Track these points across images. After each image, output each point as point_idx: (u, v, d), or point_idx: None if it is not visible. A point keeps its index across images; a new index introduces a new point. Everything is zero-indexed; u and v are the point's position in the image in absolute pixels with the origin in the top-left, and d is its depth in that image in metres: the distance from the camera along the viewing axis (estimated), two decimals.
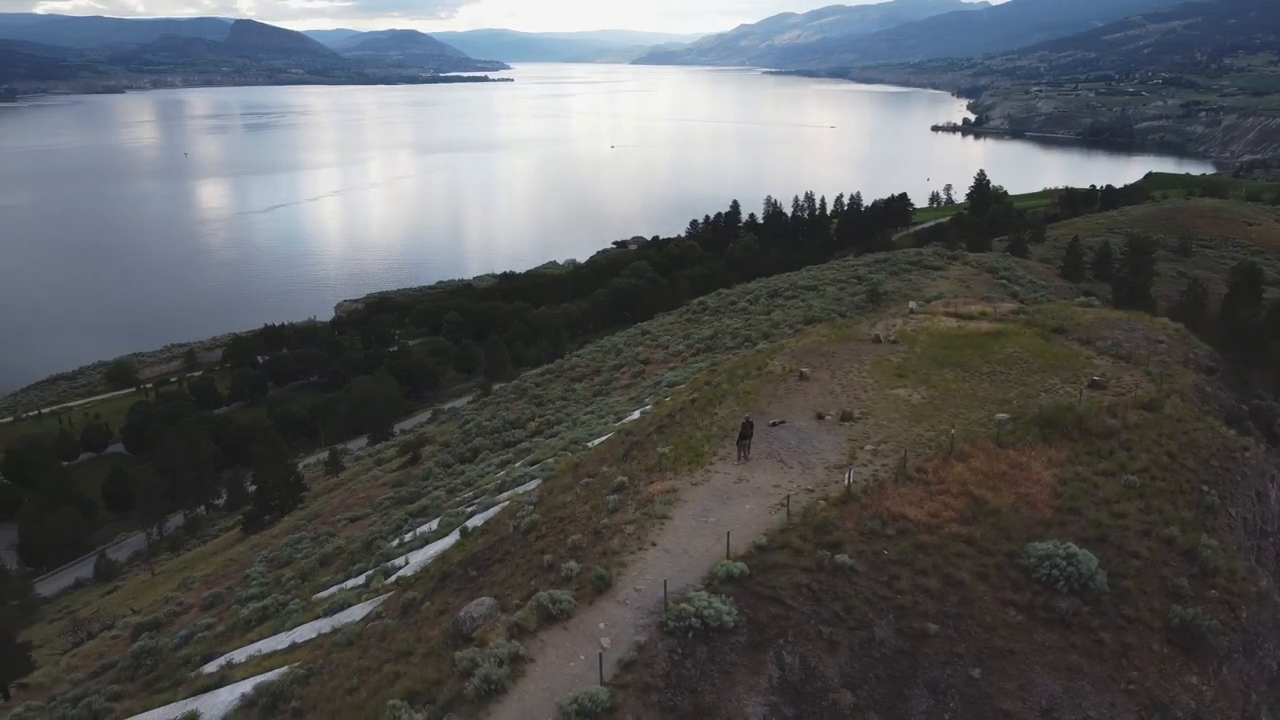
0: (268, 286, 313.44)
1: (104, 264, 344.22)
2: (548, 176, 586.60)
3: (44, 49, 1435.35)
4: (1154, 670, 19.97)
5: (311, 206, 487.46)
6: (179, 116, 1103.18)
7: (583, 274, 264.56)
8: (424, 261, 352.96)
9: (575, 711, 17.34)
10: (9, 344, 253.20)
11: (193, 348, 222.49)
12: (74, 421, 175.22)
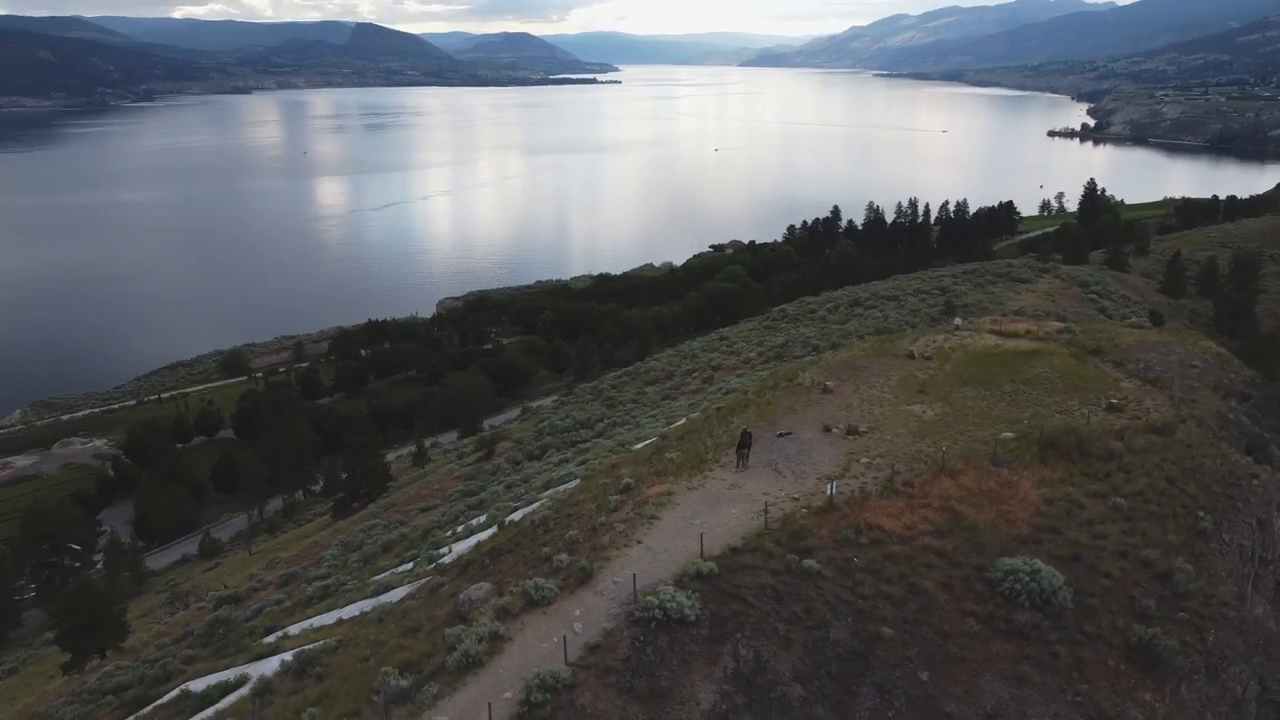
0: (375, 282, 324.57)
1: (225, 257, 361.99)
2: (650, 178, 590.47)
3: (179, 52, 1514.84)
4: (1106, 685, 20.83)
5: (422, 205, 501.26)
6: (300, 116, 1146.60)
7: (677, 277, 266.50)
8: (524, 261, 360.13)
9: (537, 686, 19.37)
10: (137, 331, 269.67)
11: (301, 340, 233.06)
12: (190, 406, 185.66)
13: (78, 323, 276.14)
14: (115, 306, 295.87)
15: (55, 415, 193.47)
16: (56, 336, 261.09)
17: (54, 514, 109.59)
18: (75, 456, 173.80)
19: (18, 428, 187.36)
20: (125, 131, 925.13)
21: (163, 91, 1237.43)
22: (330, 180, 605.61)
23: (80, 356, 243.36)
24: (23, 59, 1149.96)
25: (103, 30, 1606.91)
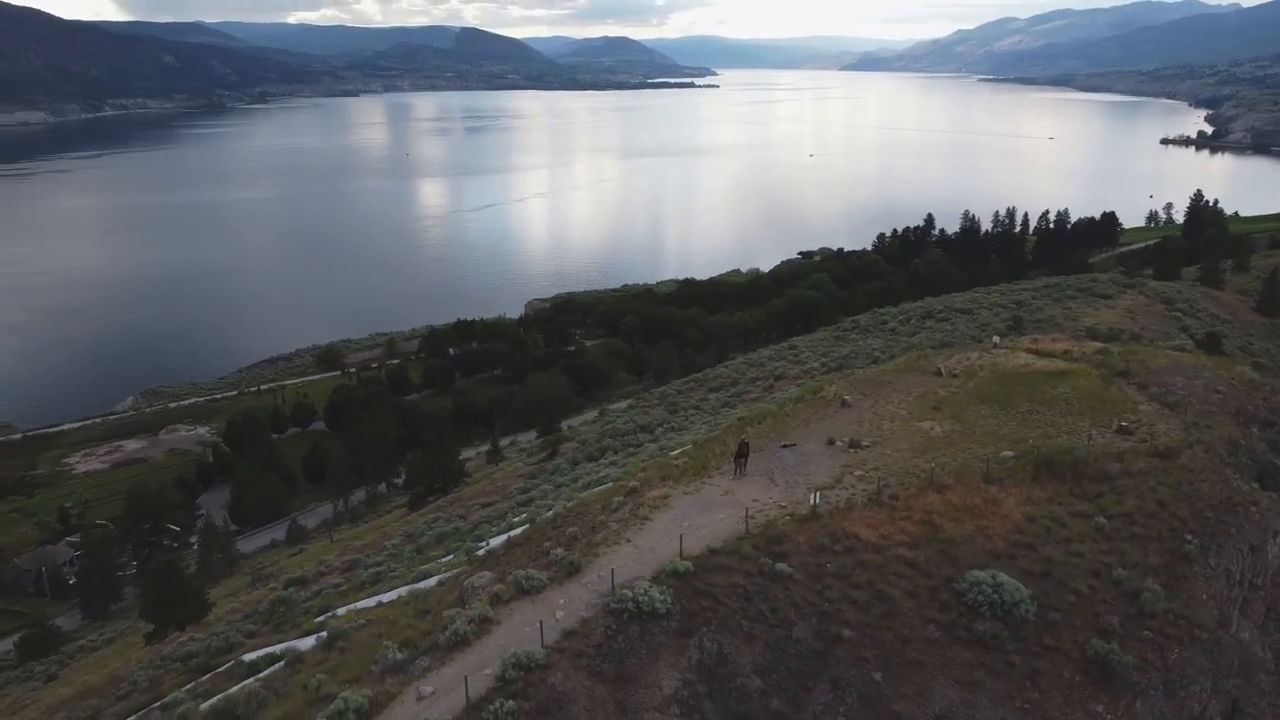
0: (468, 282, 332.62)
1: (328, 255, 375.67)
2: (743, 183, 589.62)
3: (292, 56, 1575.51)
4: (1058, 695, 21.86)
5: (518, 207, 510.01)
6: (405, 119, 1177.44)
7: (762, 283, 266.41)
8: (613, 264, 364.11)
9: (513, 664, 21.45)
10: (241, 324, 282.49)
11: (393, 337, 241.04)
12: (286, 399, 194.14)
13: (188, 315, 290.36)
14: (223, 301, 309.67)
15: (163, 403, 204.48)
16: (169, 328, 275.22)
17: (155, 496, 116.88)
18: (180, 442, 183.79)
19: (129, 414, 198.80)
20: (240, 132, 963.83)
21: (276, 94, 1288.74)
22: (431, 181, 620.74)
23: (189, 348, 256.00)
24: (149, 63, 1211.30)
25: (221, 35, 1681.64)
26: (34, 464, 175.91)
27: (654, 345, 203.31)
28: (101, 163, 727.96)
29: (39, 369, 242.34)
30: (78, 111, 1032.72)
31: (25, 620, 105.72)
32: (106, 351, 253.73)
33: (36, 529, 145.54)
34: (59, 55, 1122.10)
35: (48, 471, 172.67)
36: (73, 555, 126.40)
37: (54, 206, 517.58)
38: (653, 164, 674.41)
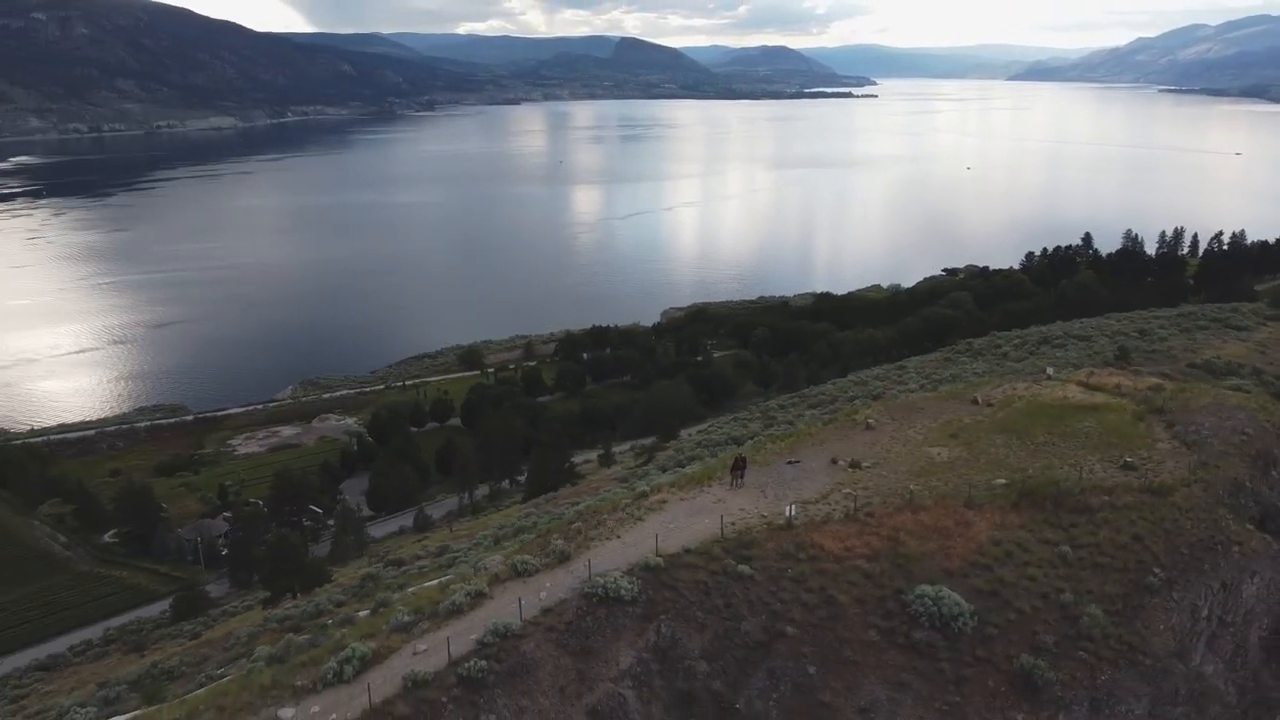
0: (609, 288, 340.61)
1: (480, 257, 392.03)
2: (895, 196, 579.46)
3: (460, 65, 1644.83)
4: (980, 701, 23.98)
5: (666, 215, 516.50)
6: (562, 126, 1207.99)
7: (899, 300, 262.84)
8: (753, 275, 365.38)
9: (492, 631, 25.30)
10: (395, 321, 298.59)
11: (532, 340, 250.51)
12: (427, 395, 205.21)
13: (349, 311, 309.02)
14: (382, 298, 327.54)
15: (318, 394, 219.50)
16: (330, 323, 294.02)
17: (297, 479, 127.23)
18: (330, 431, 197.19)
19: (287, 402, 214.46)
20: (407, 138, 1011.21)
21: (443, 102, 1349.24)
22: (583, 188, 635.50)
23: (346, 342, 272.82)
24: (328, 72, 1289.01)
25: (396, 45, 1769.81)
26: (202, 444, 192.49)
27: (782, 359, 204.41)
28: (281, 165, 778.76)
29: (215, 357, 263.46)
30: (264, 117, 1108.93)
31: (181, 584, 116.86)
32: (273, 343, 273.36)
33: (199, 503, 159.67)
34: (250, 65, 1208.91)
35: (213, 451, 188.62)
36: (226, 529, 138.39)
37: (238, 205, 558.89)
38: (804, 175, 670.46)
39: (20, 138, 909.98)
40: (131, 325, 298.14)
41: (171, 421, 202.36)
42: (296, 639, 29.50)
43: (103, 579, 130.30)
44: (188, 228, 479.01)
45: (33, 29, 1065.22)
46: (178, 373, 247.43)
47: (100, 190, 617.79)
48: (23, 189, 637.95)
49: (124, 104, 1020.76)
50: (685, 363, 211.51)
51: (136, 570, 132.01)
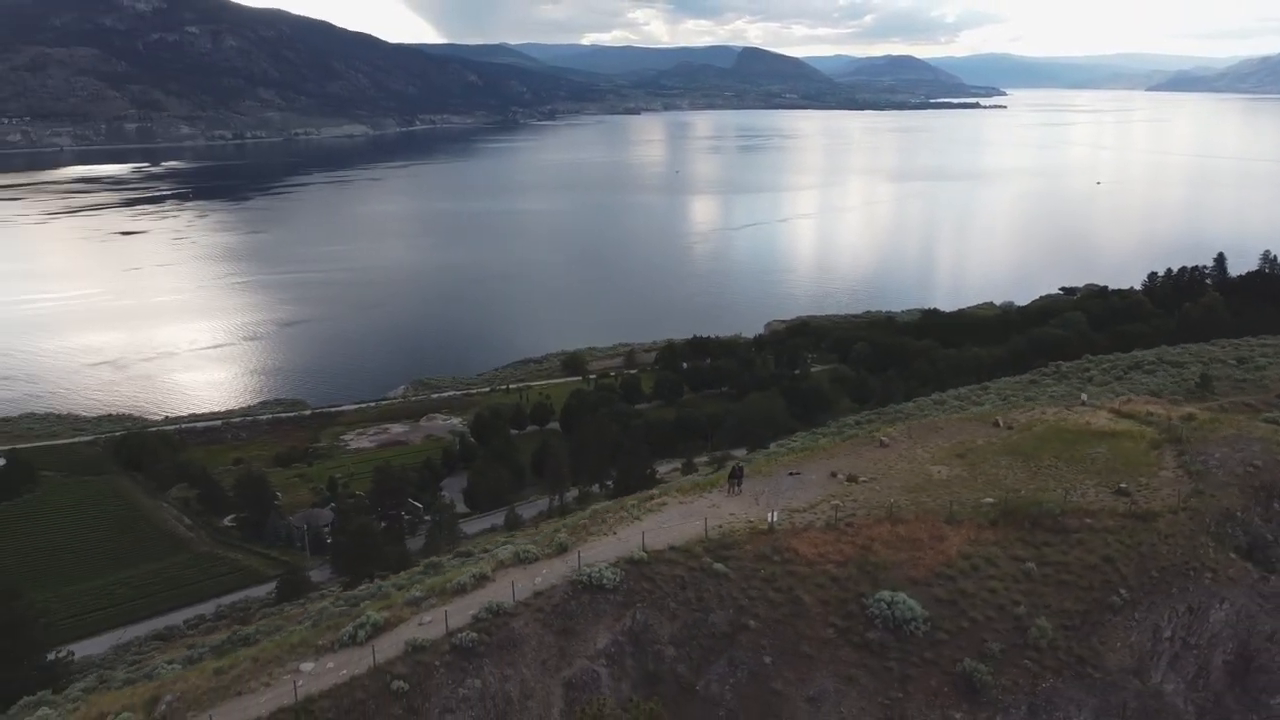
0: (716, 298, 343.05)
1: (593, 265, 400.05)
2: (1019, 211, 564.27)
3: (582, 75, 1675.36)
4: (921, 698, 26.08)
5: (780, 227, 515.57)
6: (681, 136, 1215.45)
7: (1010, 319, 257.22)
8: (862, 289, 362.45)
9: (486, 609, 28.69)
10: (505, 326, 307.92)
11: (634, 348, 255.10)
12: (529, 398, 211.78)
13: (463, 315, 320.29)
14: (494, 303, 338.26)
15: (427, 394, 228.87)
16: (445, 325, 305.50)
17: (395, 474, 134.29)
18: (435, 430, 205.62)
19: (398, 401, 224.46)
20: (529, 147, 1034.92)
21: (564, 111, 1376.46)
22: (699, 198, 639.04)
23: (457, 344, 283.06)
24: (456, 82, 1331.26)
25: (521, 56, 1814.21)
26: (318, 438, 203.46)
27: (880, 375, 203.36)
28: (408, 172, 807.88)
29: (335, 356, 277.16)
30: (393, 125, 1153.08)
31: (286, 568, 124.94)
32: (390, 344, 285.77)
33: (311, 493, 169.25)
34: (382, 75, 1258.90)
35: (327, 445, 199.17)
36: (331, 519, 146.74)
37: (366, 210, 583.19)
38: (926, 188, 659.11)
39: (172, 144, 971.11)
40: (262, 323, 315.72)
41: (291, 415, 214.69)
42: (332, 609, 33.60)
43: (219, 560, 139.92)
44: (318, 231, 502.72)
45: (187, 42, 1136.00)
46: (300, 369, 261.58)
47: (240, 194, 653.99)
48: (172, 191, 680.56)
49: (266, 112, 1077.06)
50: (782, 375, 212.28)
51: (249, 553, 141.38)
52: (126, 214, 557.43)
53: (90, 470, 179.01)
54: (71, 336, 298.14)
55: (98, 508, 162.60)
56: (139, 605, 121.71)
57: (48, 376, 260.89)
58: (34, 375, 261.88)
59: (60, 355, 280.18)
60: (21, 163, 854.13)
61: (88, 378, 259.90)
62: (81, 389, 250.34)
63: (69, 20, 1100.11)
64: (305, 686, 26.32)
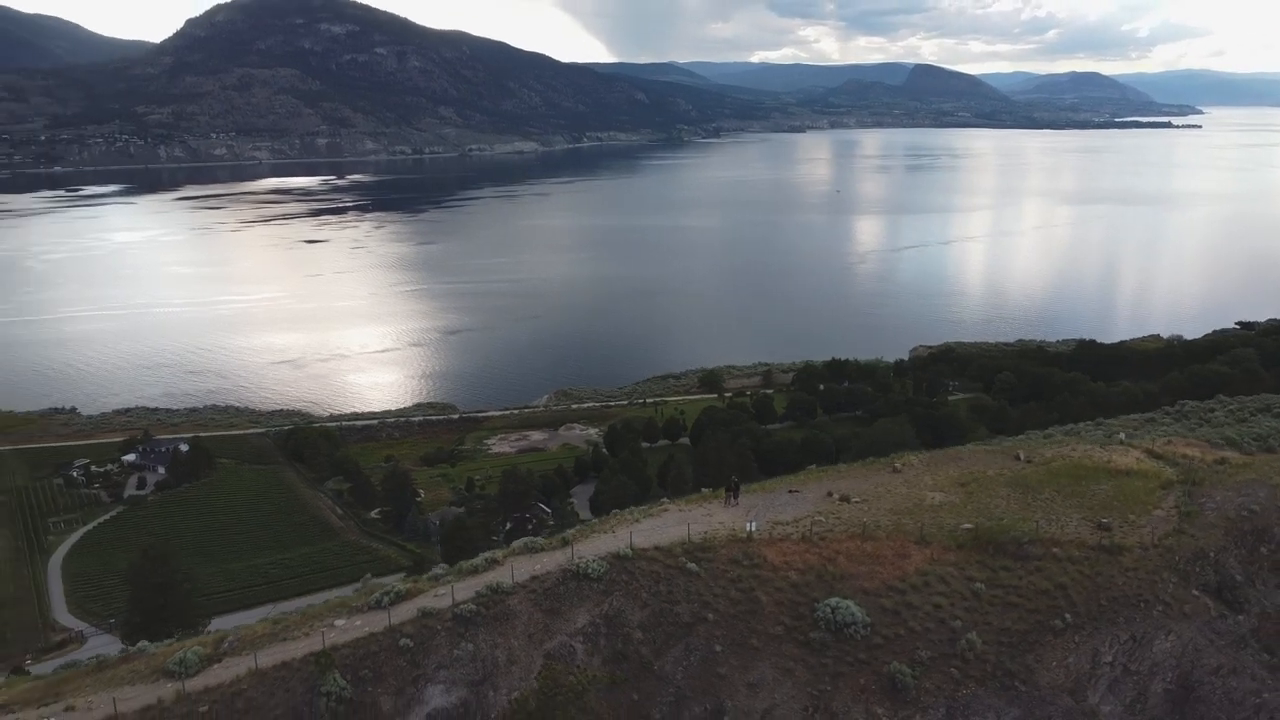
0: (864, 320, 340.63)
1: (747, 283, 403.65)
2: (1204, 239, 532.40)
3: (748, 93, 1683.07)
4: (848, 693, 29.38)
5: (943, 250, 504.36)
6: (847, 155, 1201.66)
7: (1173, 352, 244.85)
8: (1020, 315, 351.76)
9: (487, 588, 33.73)
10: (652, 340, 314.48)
11: (772, 368, 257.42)
12: (663, 413, 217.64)
13: (610, 328, 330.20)
14: (642, 317, 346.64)
15: (568, 404, 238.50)
16: (591, 338, 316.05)
17: (523, 479, 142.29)
18: (572, 439, 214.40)
19: (540, 409, 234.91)
20: (692, 164, 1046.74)
21: (728, 129, 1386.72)
22: (861, 218, 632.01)
23: (602, 357, 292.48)
24: (624, 100, 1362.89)
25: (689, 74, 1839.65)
26: (463, 440, 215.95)
27: (1020, 406, 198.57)
28: (574, 187, 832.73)
29: (487, 363, 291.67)
30: (562, 142, 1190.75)
31: (416, 560, 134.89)
32: (539, 354, 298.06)
33: (450, 492, 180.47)
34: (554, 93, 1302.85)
35: (471, 448, 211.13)
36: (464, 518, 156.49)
37: (531, 224, 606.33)
38: (1106, 211, 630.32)
39: (357, 158, 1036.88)
40: (425, 330, 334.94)
41: (440, 418, 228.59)
42: (380, 581, 39.52)
43: (362, 549, 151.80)
44: (484, 243, 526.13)
45: (375, 62, 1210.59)
46: (454, 375, 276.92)
47: (415, 206, 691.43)
48: (354, 203, 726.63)
49: (443, 129, 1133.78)
50: (917, 401, 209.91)
51: (389, 544, 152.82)
52: (312, 223, 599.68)
53: (260, 460, 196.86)
54: (257, 336, 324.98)
55: (264, 494, 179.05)
56: (289, 584, 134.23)
57: (234, 372, 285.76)
58: (223, 371, 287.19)
59: (246, 353, 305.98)
60: (226, 175, 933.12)
61: (268, 375, 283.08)
62: (261, 385, 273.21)
63: (273, 43, 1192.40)
64: (333, 638, 32.25)
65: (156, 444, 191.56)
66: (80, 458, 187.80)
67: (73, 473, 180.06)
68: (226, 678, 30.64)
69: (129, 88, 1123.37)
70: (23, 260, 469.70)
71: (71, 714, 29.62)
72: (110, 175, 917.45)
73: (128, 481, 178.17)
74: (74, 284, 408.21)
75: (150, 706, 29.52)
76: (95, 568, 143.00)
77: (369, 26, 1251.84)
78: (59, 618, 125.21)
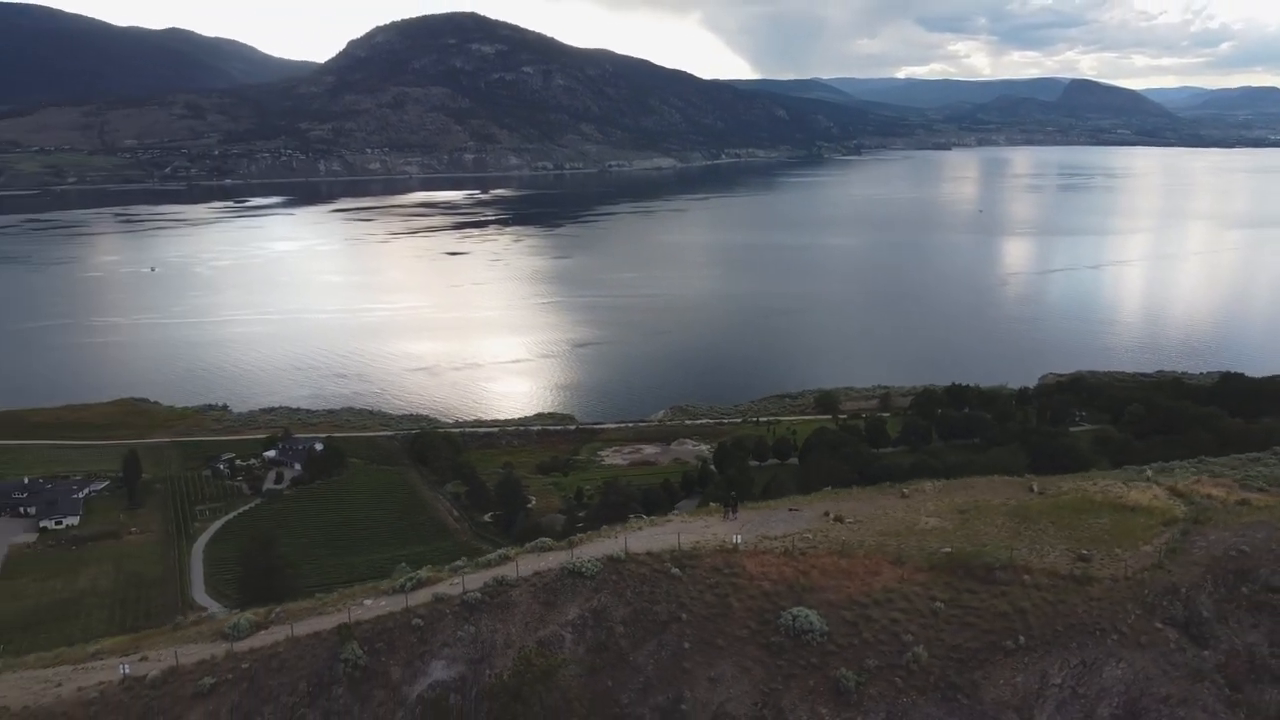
0: (992, 345, 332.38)
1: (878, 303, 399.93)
2: None
3: (892, 109, 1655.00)
4: (796, 691, 32.33)
5: (1092, 274, 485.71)
6: (994, 174, 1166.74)
7: None
8: (1160, 345, 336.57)
9: (495, 579, 38.09)
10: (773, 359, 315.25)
11: (891, 391, 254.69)
12: (774, 432, 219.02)
13: (733, 345, 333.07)
14: (767, 336, 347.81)
15: (683, 419, 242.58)
16: (713, 354, 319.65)
17: (623, 491, 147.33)
18: (683, 454, 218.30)
19: (654, 423, 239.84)
20: (831, 182, 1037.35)
21: (869, 146, 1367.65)
22: (1005, 239, 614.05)
23: (722, 373, 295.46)
24: (764, 117, 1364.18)
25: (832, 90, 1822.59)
26: (578, 451, 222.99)
27: (1147, 440, 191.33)
28: (710, 204, 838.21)
29: (608, 376, 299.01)
30: (700, 158, 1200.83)
31: None
32: (661, 368, 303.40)
33: (560, 500, 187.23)
34: (694, 110, 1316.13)
35: (585, 459, 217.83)
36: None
37: (665, 239, 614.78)
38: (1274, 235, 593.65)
39: (501, 173, 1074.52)
40: (554, 341, 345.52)
41: (558, 428, 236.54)
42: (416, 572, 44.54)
43: (474, 550, 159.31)
44: (618, 258, 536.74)
45: (521, 81, 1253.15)
46: (575, 386, 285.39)
47: (553, 221, 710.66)
48: (495, 217, 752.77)
49: (584, 145, 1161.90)
50: (1036, 431, 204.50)
51: (497, 548, 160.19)
52: (455, 236, 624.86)
53: (387, 461, 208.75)
54: (398, 343, 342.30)
55: (388, 494, 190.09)
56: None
57: (374, 376, 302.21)
58: (364, 375, 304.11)
59: (386, 359, 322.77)
60: (378, 188, 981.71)
61: (404, 380, 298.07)
62: (396, 390, 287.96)
63: (427, 63, 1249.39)
64: (358, 614, 37.49)
65: (294, 442, 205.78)
66: (227, 452, 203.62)
67: (220, 465, 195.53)
68: (268, 641, 36.25)
69: (294, 106, 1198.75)
70: (193, 266, 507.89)
71: (144, 663, 35.76)
72: (274, 188, 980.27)
73: (267, 476, 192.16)
74: (236, 289, 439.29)
75: (204, 660, 35.37)
76: (232, 554, 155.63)
77: (517, 46, 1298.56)
78: (196, 597, 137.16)
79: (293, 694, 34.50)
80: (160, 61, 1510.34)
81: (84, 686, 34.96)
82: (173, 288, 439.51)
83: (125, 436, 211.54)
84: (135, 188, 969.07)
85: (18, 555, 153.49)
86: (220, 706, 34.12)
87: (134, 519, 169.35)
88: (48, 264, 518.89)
